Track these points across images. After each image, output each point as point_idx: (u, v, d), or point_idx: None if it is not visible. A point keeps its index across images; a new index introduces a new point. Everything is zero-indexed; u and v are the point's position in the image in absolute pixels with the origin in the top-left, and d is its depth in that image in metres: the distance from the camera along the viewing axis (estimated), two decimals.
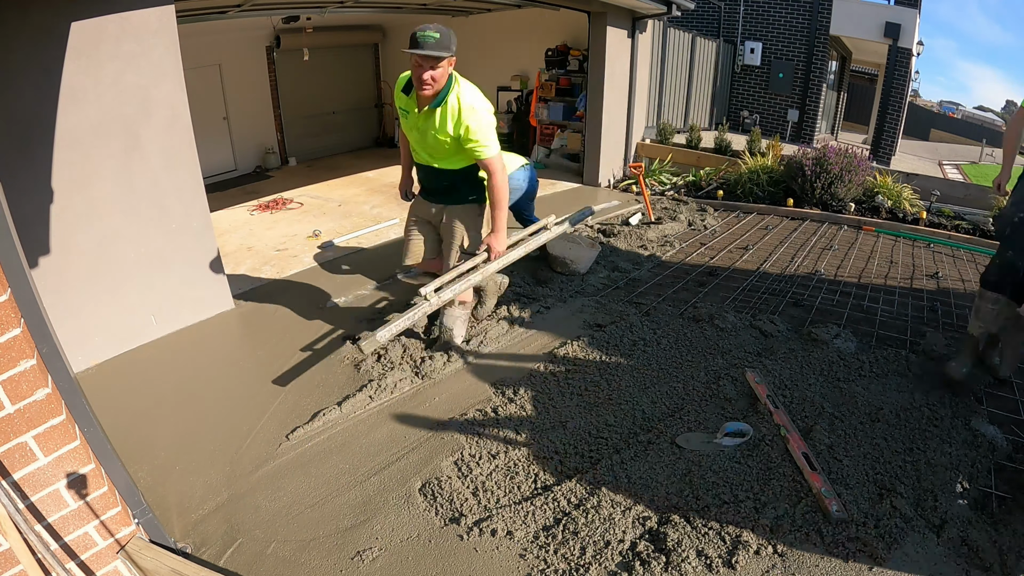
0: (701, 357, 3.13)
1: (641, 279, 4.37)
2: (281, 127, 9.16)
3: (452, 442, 2.50)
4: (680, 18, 7.96)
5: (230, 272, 4.41)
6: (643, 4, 6.77)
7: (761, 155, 7.24)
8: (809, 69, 11.15)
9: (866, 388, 2.79)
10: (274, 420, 2.70)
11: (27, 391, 1.41)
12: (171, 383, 3.07)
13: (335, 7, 7.17)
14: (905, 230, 5.70)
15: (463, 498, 2.17)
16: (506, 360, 3.16)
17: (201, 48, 7.36)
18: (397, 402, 2.82)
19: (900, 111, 11.68)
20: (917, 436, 2.45)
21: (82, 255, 3.13)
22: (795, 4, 10.97)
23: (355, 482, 2.30)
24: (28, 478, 1.48)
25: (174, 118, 3.34)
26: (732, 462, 2.30)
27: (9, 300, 1.37)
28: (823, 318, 3.64)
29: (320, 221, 5.91)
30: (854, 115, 16.70)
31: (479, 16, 9.00)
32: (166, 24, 3.19)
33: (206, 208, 3.65)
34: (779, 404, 2.64)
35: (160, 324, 3.53)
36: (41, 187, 2.90)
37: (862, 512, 2.04)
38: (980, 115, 29.11)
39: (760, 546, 1.92)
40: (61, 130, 2.90)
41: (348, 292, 4.11)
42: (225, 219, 5.99)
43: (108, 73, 3.02)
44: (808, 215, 6.16)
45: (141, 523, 1.80)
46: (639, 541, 1.96)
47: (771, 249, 5.10)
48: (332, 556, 1.96)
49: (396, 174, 8.10)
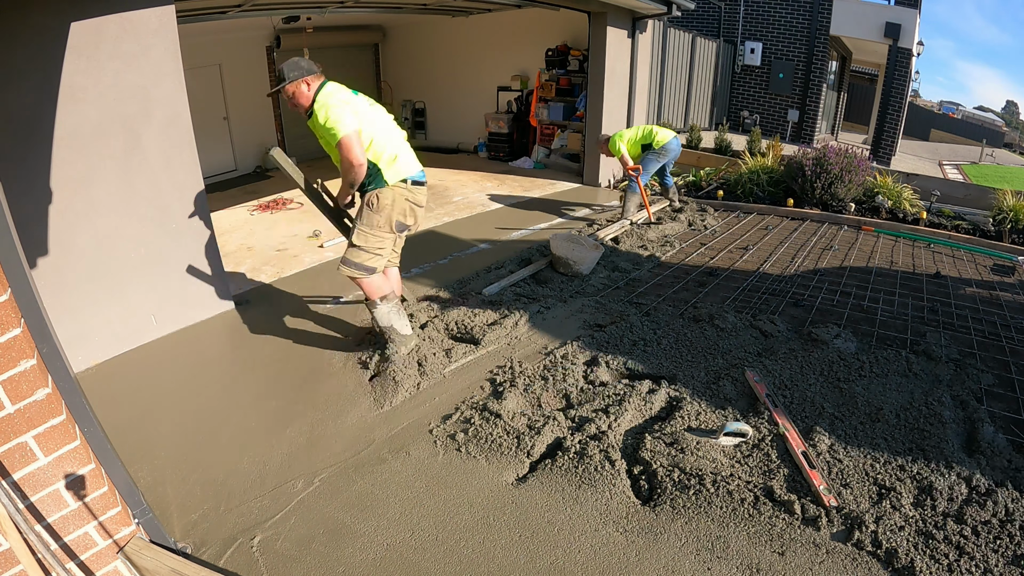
0: (701, 357, 3.13)
1: (641, 279, 4.37)
2: (281, 127, 9.16)
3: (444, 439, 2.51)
4: (680, 18, 7.96)
5: (230, 272, 4.42)
6: (643, 4, 6.77)
7: (761, 155, 7.24)
8: (809, 69, 11.15)
9: (866, 388, 2.79)
10: (274, 419, 2.70)
11: (27, 391, 1.41)
12: (171, 383, 3.07)
13: (335, 7, 7.17)
14: (905, 230, 5.70)
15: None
16: (506, 360, 3.16)
17: (201, 48, 7.36)
18: (396, 401, 2.82)
19: (900, 111, 11.68)
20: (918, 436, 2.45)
21: (82, 255, 3.13)
22: (795, 4, 10.97)
23: (355, 480, 2.30)
24: (28, 478, 1.48)
25: (174, 118, 3.34)
26: (732, 460, 2.30)
27: (9, 300, 1.37)
28: (823, 318, 3.64)
29: (320, 221, 5.90)
30: (854, 115, 16.71)
31: (479, 16, 9.01)
32: (166, 24, 3.19)
33: (206, 208, 3.65)
34: (778, 403, 2.64)
35: (160, 324, 3.53)
36: (41, 187, 2.90)
37: (862, 511, 2.04)
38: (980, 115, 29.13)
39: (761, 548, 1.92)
40: (61, 130, 2.90)
41: (348, 292, 4.11)
42: (225, 219, 5.99)
43: (108, 73, 3.02)
44: (808, 215, 6.16)
45: (141, 523, 1.80)
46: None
47: (771, 249, 5.10)
48: (331, 553, 1.96)
49: None
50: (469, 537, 2.02)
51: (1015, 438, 2.49)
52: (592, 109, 7.31)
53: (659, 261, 4.79)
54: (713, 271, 4.56)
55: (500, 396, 2.75)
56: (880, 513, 2.03)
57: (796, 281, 4.33)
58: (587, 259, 4.35)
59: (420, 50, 10.20)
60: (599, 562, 1.91)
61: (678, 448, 2.36)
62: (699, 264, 4.72)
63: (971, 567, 1.83)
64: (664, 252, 4.98)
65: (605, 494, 2.18)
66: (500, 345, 3.31)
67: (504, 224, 5.80)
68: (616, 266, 4.59)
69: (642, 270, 4.55)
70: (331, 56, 9.48)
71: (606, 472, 2.26)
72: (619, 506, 2.14)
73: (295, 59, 2.80)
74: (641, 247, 5.08)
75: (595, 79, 7.15)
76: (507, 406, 2.67)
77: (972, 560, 1.85)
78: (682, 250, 5.09)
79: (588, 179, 7.65)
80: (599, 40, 6.98)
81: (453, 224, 5.85)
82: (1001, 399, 2.80)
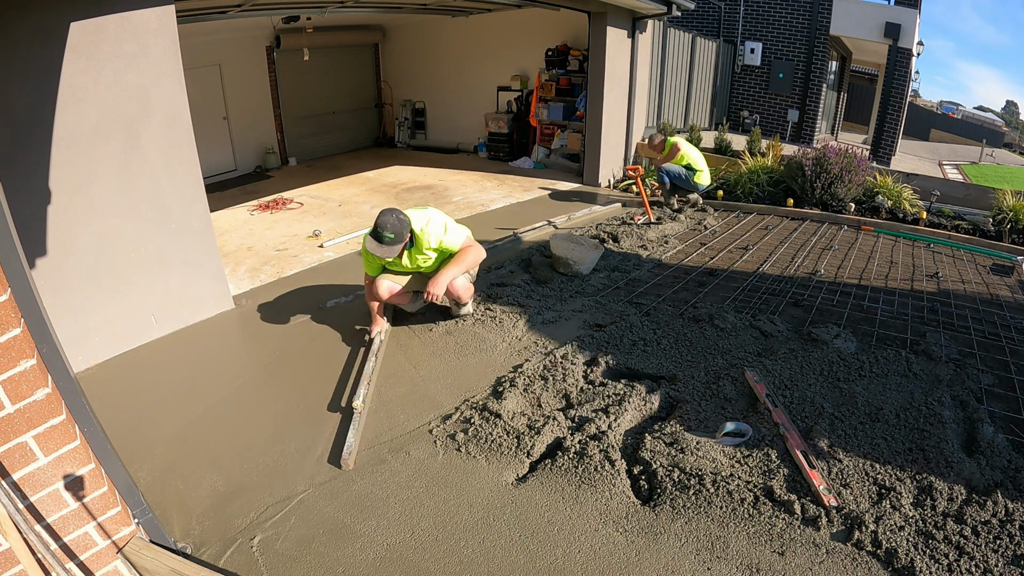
0: (701, 357, 3.13)
1: (641, 279, 4.37)
2: (281, 127, 9.16)
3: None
4: (680, 18, 7.96)
5: (230, 272, 4.42)
6: (643, 4, 6.77)
7: (761, 155, 7.24)
8: (809, 69, 11.14)
9: (866, 388, 2.79)
10: (273, 419, 2.70)
11: (27, 391, 1.41)
12: (171, 383, 3.07)
13: (335, 7, 7.17)
14: (905, 230, 5.69)
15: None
16: (504, 360, 3.16)
17: (201, 48, 7.36)
18: (395, 400, 2.82)
19: (900, 111, 11.67)
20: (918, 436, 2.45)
21: (82, 255, 3.13)
22: (795, 4, 10.95)
23: (355, 480, 2.30)
24: (28, 478, 1.48)
25: (174, 118, 3.34)
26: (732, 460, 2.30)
27: (9, 300, 1.37)
28: (823, 318, 3.64)
29: (320, 221, 5.91)
30: (854, 115, 16.70)
31: (479, 16, 9.01)
32: (166, 24, 3.19)
33: (206, 208, 3.65)
34: (778, 403, 2.64)
35: (160, 324, 3.53)
36: (41, 187, 2.90)
37: (862, 511, 2.04)
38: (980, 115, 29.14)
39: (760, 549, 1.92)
40: (61, 130, 2.90)
41: (348, 292, 4.11)
42: (225, 219, 5.99)
43: (108, 73, 3.02)
44: (808, 215, 6.16)
45: (141, 523, 1.80)
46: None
47: (771, 249, 5.10)
48: (331, 553, 1.96)
49: (396, 174, 8.17)
50: (469, 537, 2.02)
51: (1015, 438, 2.49)
52: (592, 109, 7.31)
53: (659, 261, 4.79)
54: (713, 271, 4.56)
55: (500, 396, 2.75)
56: (880, 513, 2.03)
57: (796, 281, 4.33)
58: (587, 259, 4.35)
59: (420, 50, 10.20)
60: (599, 562, 1.91)
61: (678, 448, 2.36)
62: (699, 264, 4.72)
63: (971, 567, 1.83)
64: (664, 252, 4.98)
65: (605, 494, 2.18)
66: (499, 345, 3.31)
67: (504, 224, 5.80)
68: (616, 266, 4.59)
69: (642, 270, 4.55)
70: (331, 56, 9.49)
71: (606, 472, 2.26)
72: (619, 506, 2.14)
73: (393, 220, 3.01)
74: (641, 247, 5.08)
75: (595, 79, 7.15)
76: (507, 406, 2.67)
77: (972, 560, 1.85)
78: (682, 250, 5.09)
79: (588, 179, 7.65)
80: (599, 40, 6.97)
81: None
82: (1001, 399, 2.80)
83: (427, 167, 8.64)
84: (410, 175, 8.09)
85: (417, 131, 10.85)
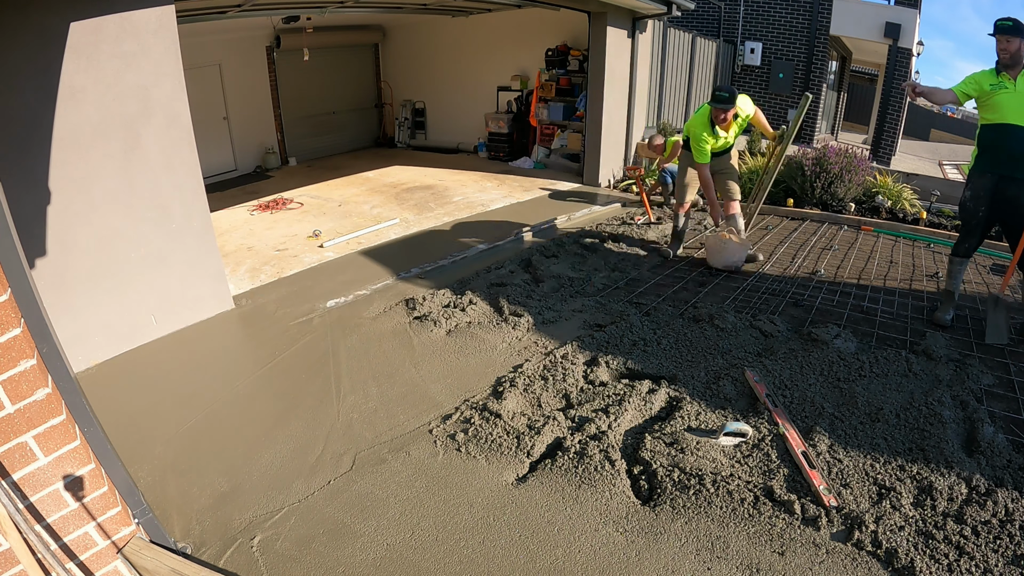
0: (701, 357, 3.13)
1: (641, 279, 4.37)
2: (281, 127, 9.16)
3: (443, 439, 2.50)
4: (680, 18, 7.96)
5: (230, 272, 4.42)
6: (643, 4, 6.77)
7: (761, 155, 7.24)
8: (809, 69, 11.14)
9: (866, 388, 2.79)
10: (274, 419, 2.70)
11: (27, 391, 1.41)
12: (171, 383, 3.07)
13: (335, 7, 7.18)
14: (905, 230, 5.69)
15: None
16: (504, 360, 3.16)
17: (201, 48, 7.36)
18: (395, 399, 2.82)
19: (900, 111, 11.67)
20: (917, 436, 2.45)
21: (82, 255, 3.13)
22: (795, 4, 10.95)
23: (355, 480, 2.30)
24: (28, 478, 1.48)
25: (174, 118, 3.34)
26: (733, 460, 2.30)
27: (9, 300, 1.37)
28: (823, 318, 3.64)
29: (320, 221, 5.91)
30: (854, 115, 16.70)
31: (479, 16, 9.01)
32: (166, 24, 3.19)
33: (206, 208, 3.65)
34: (778, 403, 2.64)
35: (160, 324, 3.53)
36: (41, 187, 2.90)
37: (862, 511, 2.04)
38: None
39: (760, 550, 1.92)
40: (61, 130, 2.90)
41: (348, 292, 4.11)
42: (225, 219, 5.99)
43: (108, 73, 3.02)
44: (808, 215, 6.16)
45: (141, 523, 1.80)
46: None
47: (771, 249, 5.10)
48: (331, 553, 1.96)
49: (396, 174, 8.17)
50: (469, 537, 2.02)
51: (1015, 438, 2.49)
52: (592, 109, 7.31)
53: (659, 261, 4.79)
54: (713, 271, 4.56)
55: (500, 396, 2.75)
56: (880, 513, 2.03)
57: (796, 281, 4.32)
58: (736, 253, 4.52)
59: (420, 50, 10.20)
60: (599, 562, 1.91)
61: (678, 448, 2.36)
62: (699, 264, 4.72)
63: (971, 567, 1.83)
64: (664, 252, 4.98)
65: (605, 494, 2.18)
66: (499, 346, 3.31)
67: (504, 224, 5.80)
68: (616, 266, 4.59)
69: (642, 270, 4.55)
70: (331, 56, 9.49)
71: (606, 472, 2.26)
72: (619, 506, 2.14)
73: (726, 85, 4.17)
74: (641, 247, 5.07)
75: (595, 79, 7.15)
76: (507, 406, 2.67)
77: (972, 560, 1.85)
78: (682, 250, 5.09)
79: (588, 179, 7.65)
80: (599, 40, 6.98)
81: (453, 224, 5.85)
82: (1001, 399, 2.80)
83: (427, 167, 8.64)
84: (410, 175, 8.09)
85: (417, 131, 10.85)
